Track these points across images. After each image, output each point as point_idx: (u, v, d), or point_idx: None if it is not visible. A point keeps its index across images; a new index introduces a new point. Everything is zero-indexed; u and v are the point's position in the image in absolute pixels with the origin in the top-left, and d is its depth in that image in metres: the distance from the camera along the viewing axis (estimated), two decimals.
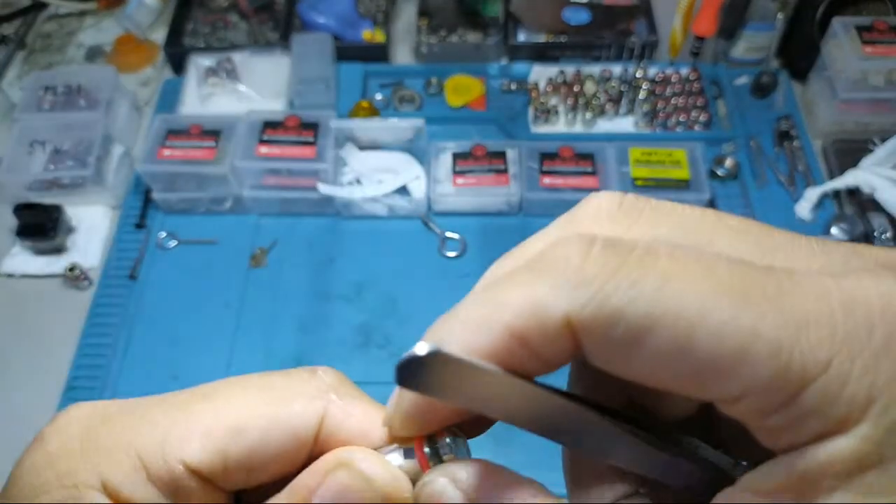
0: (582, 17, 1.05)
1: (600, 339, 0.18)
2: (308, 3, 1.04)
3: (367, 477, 0.21)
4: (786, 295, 0.17)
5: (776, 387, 0.17)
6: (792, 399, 0.17)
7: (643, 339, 0.18)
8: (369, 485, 0.21)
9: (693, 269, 0.18)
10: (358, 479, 0.21)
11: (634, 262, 0.18)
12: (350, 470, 0.21)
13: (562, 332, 0.18)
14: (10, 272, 0.87)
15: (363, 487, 0.21)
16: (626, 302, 0.17)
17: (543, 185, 0.87)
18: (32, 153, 0.92)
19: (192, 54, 1.01)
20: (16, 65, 1.09)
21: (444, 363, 0.18)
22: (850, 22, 0.91)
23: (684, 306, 0.17)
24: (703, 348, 0.17)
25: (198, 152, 0.87)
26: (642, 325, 0.17)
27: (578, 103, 0.97)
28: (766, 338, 0.17)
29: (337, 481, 0.21)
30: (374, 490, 0.21)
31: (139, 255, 0.88)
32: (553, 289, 0.19)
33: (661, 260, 0.18)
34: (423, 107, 0.99)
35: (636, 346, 0.18)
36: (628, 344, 0.18)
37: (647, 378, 0.19)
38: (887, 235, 0.83)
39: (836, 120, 0.94)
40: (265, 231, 0.90)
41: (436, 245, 0.88)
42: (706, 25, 0.94)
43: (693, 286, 0.17)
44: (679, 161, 0.87)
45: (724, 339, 0.17)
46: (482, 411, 0.20)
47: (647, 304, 0.17)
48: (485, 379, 0.19)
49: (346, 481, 0.21)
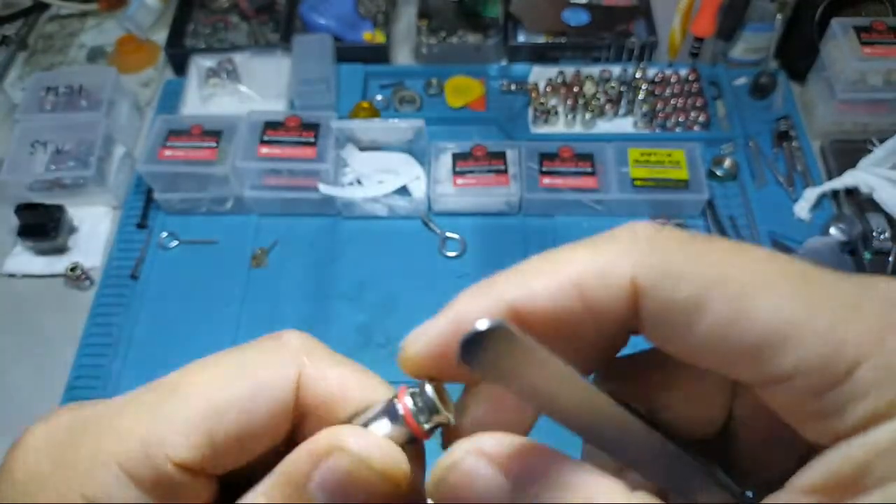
0: (581, 17, 1.05)
1: (662, 303, 0.19)
2: (309, 4, 1.05)
3: (363, 458, 0.21)
4: (841, 281, 0.18)
5: (829, 364, 0.17)
6: (844, 378, 0.17)
7: (704, 305, 0.18)
8: (366, 465, 0.21)
9: (755, 252, 0.19)
10: (354, 461, 0.20)
11: (701, 239, 0.19)
12: (344, 453, 0.21)
13: (625, 291, 0.19)
14: (12, 272, 0.88)
15: (360, 468, 0.20)
16: (692, 268, 0.18)
17: (543, 186, 0.87)
18: (34, 153, 0.92)
19: (193, 55, 1.02)
20: (17, 65, 1.10)
21: (506, 339, 0.18)
22: (848, 23, 0.92)
23: (746, 279, 0.18)
24: (761, 318, 0.18)
25: (199, 153, 0.87)
26: (705, 291, 0.18)
27: (578, 104, 0.97)
28: (822, 314, 0.17)
29: (332, 467, 0.20)
30: (372, 470, 0.21)
31: (140, 256, 0.88)
32: (621, 252, 0.19)
33: (727, 243, 0.19)
34: (424, 107, 1.00)
35: (696, 312, 0.18)
36: (689, 310, 0.18)
37: (699, 350, 0.19)
38: (885, 235, 0.83)
39: (834, 120, 0.94)
40: (266, 231, 0.90)
41: (436, 245, 0.88)
42: (705, 26, 0.94)
43: (755, 265, 0.19)
44: (678, 161, 0.88)
45: (782, 312, 0.18)
46: (531, 399, 0.19)
47: (711, 271, 0.18)
48: (543, 363, 0.18)
49: (343, 465, 0.20)
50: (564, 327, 0.20)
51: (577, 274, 0.19)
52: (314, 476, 0.20)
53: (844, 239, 0.83)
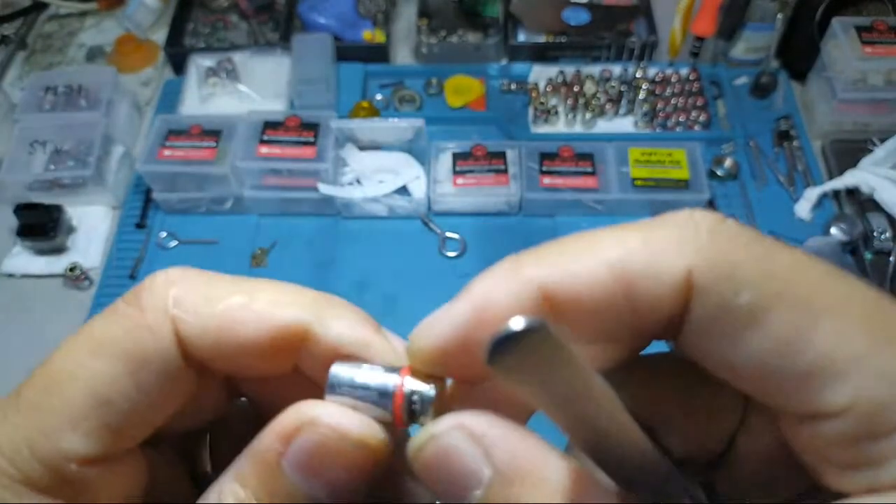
0: (582, 17, 1.05)
1: (717, 307, 0.16)
2: (308, 4, 1.04)
3: (334, 427, 0.19)
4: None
5: (886, 410, 0.15)
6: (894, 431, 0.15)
7: (763, 317, 0.16)
8: (339, 434, 0.19)
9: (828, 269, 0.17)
10: (326, 432, 0.19)
11: (770, 242, 0.17)
12: (314, 426, 0.19)
13: (677, 288, 0.16)
14: (11, 272, 0.88)
15: (333, 439, 0.19)
16: (757, 273, 0.16)
17: (543, 186, 0.87)
18: (33, 153, 0.92)
19: (193, 54, 1.02)
20: (16, 65, 1.10)
21: (546, 344, 0.15)
22: (849, 22, 0.92)
23: (815, 297, 0.16)
24: (823, 343, 0.16)
25: (198, 152, 0.87)
26: (768, 302, 0.16)
27: (578, 103, 0.97)
28: (890, 352, 0.15)
29: (303, 442, 0.19)
30: (346, 439, 0.19)
31: (140, 255, 0.88)
32: (678, 241, 0.17)
33: (796, 252, 0.17)
34: (423, 107, 0.99)
35: (753, 323, 0.16)
36: (745, 318, 0.16)
37: (742, 367, 0.17)
38: (886, 236, 0.83)
39: (835, 120, 0.94)
40: (265, 231, 0.90)
41: (436, 245, 0.88)
42: (705, 26, 0.94)
43: (826, 283, 0.16)
44: (679, 161, 0.87)
45: (846, 341, 0.16)
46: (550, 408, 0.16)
47: (778, 281, 0.16)
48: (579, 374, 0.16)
49: (314, 438, 0.19)
50: (596, 320, 0.17)
51: (623, 260, 0.17)
52: (286, 454, 0.19)
53: (845, 239, 0.83)
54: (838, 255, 0.81)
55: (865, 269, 0.83)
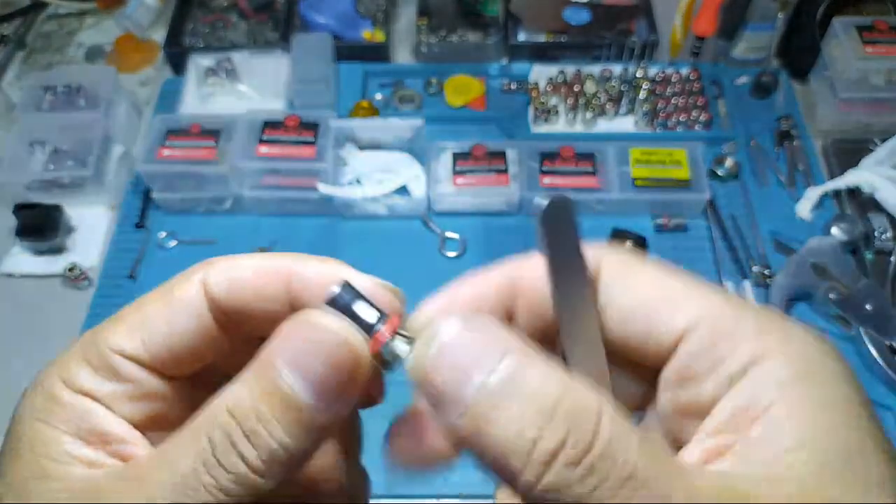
0: (582, 16, 1.04)
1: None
2: (308, 3, 1.04)
3: (320, 323, 0.23)
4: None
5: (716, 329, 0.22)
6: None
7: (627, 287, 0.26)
8: (323, 328, 0.22)
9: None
10: (311, 327, 0.23)
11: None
12: (301, 323, 0.23)
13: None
14: (10, 272, 0.87)
15: (318, 332, 0.22)
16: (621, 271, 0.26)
17: (543, 185, 0.87)
18: (32, 153, 0.91)
19: (192, 54, 1.01)
20: (15, 65, 1.09)
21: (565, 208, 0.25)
22: (850, 22, 0.91)
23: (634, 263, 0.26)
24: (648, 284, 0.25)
25: (198, 152, 0.87)
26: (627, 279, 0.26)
27: (578, 103, 0.97)
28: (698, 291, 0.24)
29: (291, 337, 0.22)
30: (329, 332, 0.22)
31: (139, 255, 0.88)
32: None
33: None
34: (423, 106, 0.99)
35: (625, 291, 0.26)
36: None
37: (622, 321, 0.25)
38: (887, 235, 0.83)
39: (836, 120, 0.94)
40: (265, 231, 0.90)
41: (436, 245, 0.88)
42: (706, 25, 0.94)
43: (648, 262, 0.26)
44: (679, 161, 0.87)
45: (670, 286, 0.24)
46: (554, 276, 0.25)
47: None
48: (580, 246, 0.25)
49: (301, 333, 0.22)
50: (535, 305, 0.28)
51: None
52: (279, 352, 0.22)
53: (846, 239, 0.83)
54: (839, 255, 0.81)
55: (866, 269, 0.82)
